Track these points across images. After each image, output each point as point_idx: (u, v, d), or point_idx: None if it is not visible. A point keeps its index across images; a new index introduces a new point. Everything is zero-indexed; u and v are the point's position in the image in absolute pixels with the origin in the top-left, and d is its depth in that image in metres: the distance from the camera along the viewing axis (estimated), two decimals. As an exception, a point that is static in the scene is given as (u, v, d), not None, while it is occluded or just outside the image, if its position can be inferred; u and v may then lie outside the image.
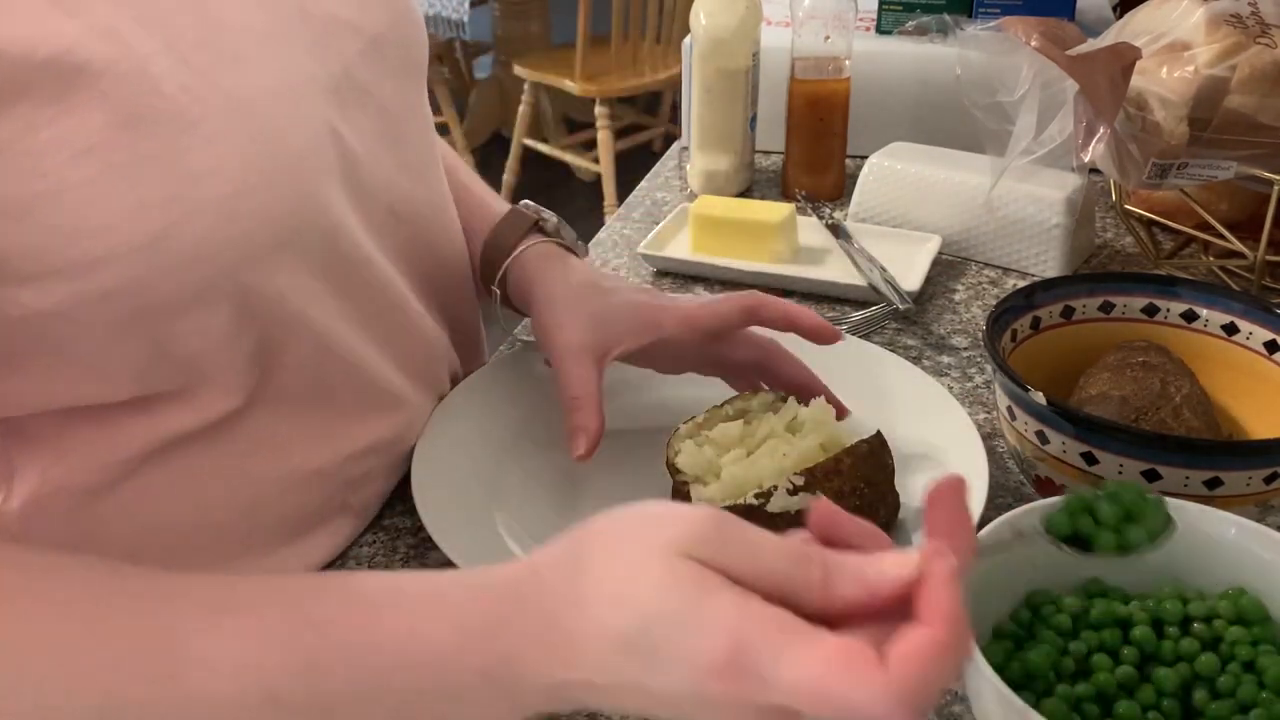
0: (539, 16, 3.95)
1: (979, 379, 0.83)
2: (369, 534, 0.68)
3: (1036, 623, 0.52)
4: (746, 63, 1.09)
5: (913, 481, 0.65)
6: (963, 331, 0.90)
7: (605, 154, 3.40)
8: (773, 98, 1.15)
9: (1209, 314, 0.71)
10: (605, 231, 1.09)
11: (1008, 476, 0.72)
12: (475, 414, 0.73)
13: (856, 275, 0.94)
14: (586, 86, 3.30)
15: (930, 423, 0.71)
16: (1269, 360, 0.69)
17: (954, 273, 0.99)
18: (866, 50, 1.14)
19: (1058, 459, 0.62)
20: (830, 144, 1.12)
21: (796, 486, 0.57)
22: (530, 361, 0.79)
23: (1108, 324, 0.73)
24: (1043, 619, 0.52)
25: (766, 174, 1.20)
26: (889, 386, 0.75)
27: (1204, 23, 0.83)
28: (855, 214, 1.06)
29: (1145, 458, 0.59)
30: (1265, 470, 0.58)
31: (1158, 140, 0.83)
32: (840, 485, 0.58)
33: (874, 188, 1.04)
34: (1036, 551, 0.54)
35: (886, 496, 0.61)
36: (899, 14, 1.20)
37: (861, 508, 0.59)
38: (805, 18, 1.06)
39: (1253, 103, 0.82)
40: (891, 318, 0.90)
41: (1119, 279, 0.74)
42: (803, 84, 1.10)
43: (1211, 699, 0.49)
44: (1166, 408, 0.64)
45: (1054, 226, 0.95)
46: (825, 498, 0.57)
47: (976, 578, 0.50)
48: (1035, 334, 0.72)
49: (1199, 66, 0.83)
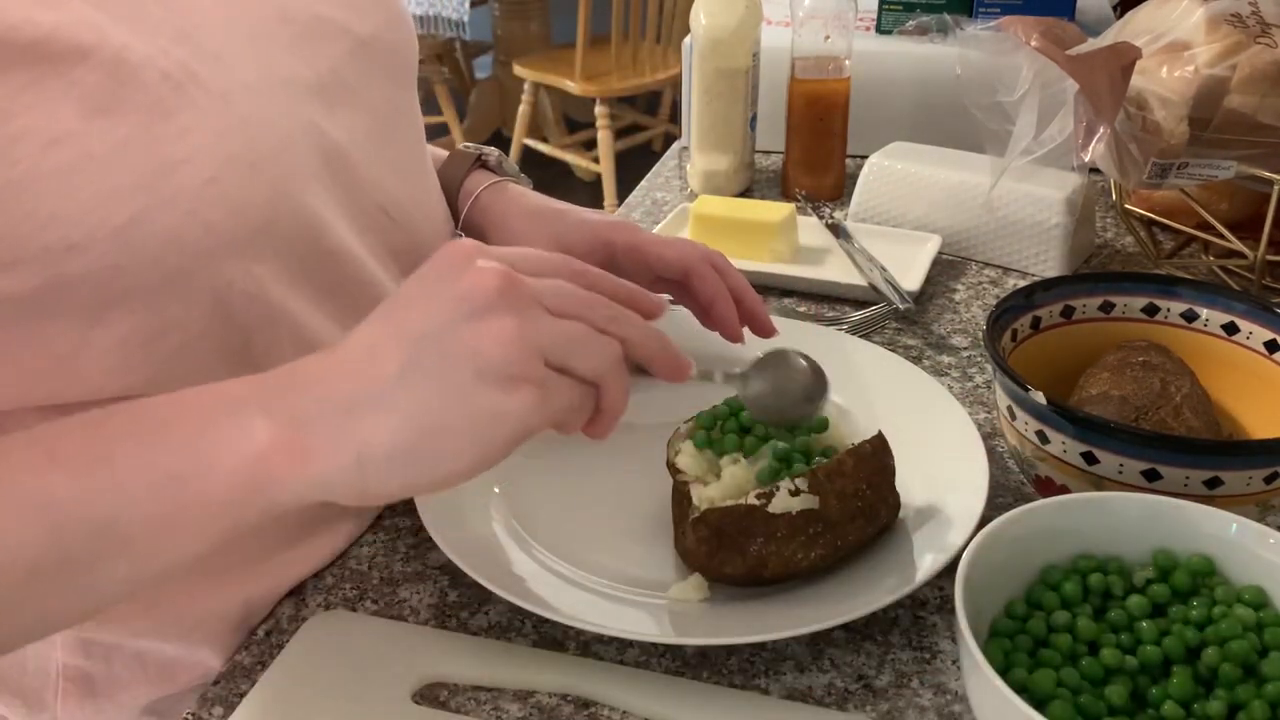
0: (539, 16, 3.95)
1: (979, 379, 0.83)
2: (369, 534, 0.68)
3: (1036, 620, 0.52)
4: (746, 63, 1.09)
5: (912, 482, 0.65)
6: (963, 331, 0.90)
7: (605, 154, 3.40)
8: (773, 98, 1.16)
9: (1209, 314, 0.71)
10: (605, 231, 1.09)
11: (1008, 476, 0.72)
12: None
13: (856, 275, 0.94)
14: (586, 86, 3.30)
15: (930, 423, 0.71)
16: (1269, 360, 0.69)
17: (954, 273, 0.99)
18: (866, 50, 1.14)
19: (1058, 459, 0.62)
20: (830, 144, 1.12)
21: (799, 488, 0.57)
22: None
23: (1108, 324, 0.73)
24: (1046, 611, 0.52)
25: (766, 174, 1.20)
26: (889, 386, 0.75)
27: (1204, 22, 0.83)
28: (855, 214, 1.06)
29: (1145, 457, 0.59)
30: (1265, 470, 0.58)
31: (1158, 140, 0.83)
32: (843, 486, 0.58)
33: (874, 188, 1.04)
34: (1035, 548, 0.54)
35: (888, 497, 0.61)
36: (899, 14, 1.20)
37: (863, 509, 0.59)
38: (805, 18, 1.06)
39: (1253, 102, 0.82)
40: (891, 318, 0.90)
41: (1119, 279, 0.74)
42: (803, 84, 1.10)
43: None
44: (1166, 408, 0.64)
45: (1054, 226, 0.96)
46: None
47: (975, 575, 0.51)
48: (1035, 334, 0.72)
49: (1199, 66, 0.83)
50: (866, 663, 0.58)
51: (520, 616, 0.61)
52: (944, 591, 0.62)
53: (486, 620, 0.61)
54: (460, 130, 3.75)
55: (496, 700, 0.56)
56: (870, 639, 0.60)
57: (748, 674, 0.58)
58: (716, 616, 0.58)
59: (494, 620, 0.61)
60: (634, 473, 0.69)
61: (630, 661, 0.58)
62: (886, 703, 0.56)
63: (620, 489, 0.69)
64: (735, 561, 0.58)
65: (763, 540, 0.58)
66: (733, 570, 0.59)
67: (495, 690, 0.57)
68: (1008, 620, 0.52)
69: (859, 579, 0.60)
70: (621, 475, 0.69)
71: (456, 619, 0.61)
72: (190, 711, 0.57)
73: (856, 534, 0.60)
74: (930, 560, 0.60)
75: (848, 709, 0.55)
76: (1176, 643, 0.50)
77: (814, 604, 0.58)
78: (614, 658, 0.59)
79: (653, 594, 0.60)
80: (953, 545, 0.60)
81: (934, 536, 0.62)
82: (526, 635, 0.60)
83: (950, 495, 0.64)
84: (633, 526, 0.66)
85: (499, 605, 0.62)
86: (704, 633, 0.57)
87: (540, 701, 0.56)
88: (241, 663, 0.59)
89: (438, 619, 0.61)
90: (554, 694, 0.56)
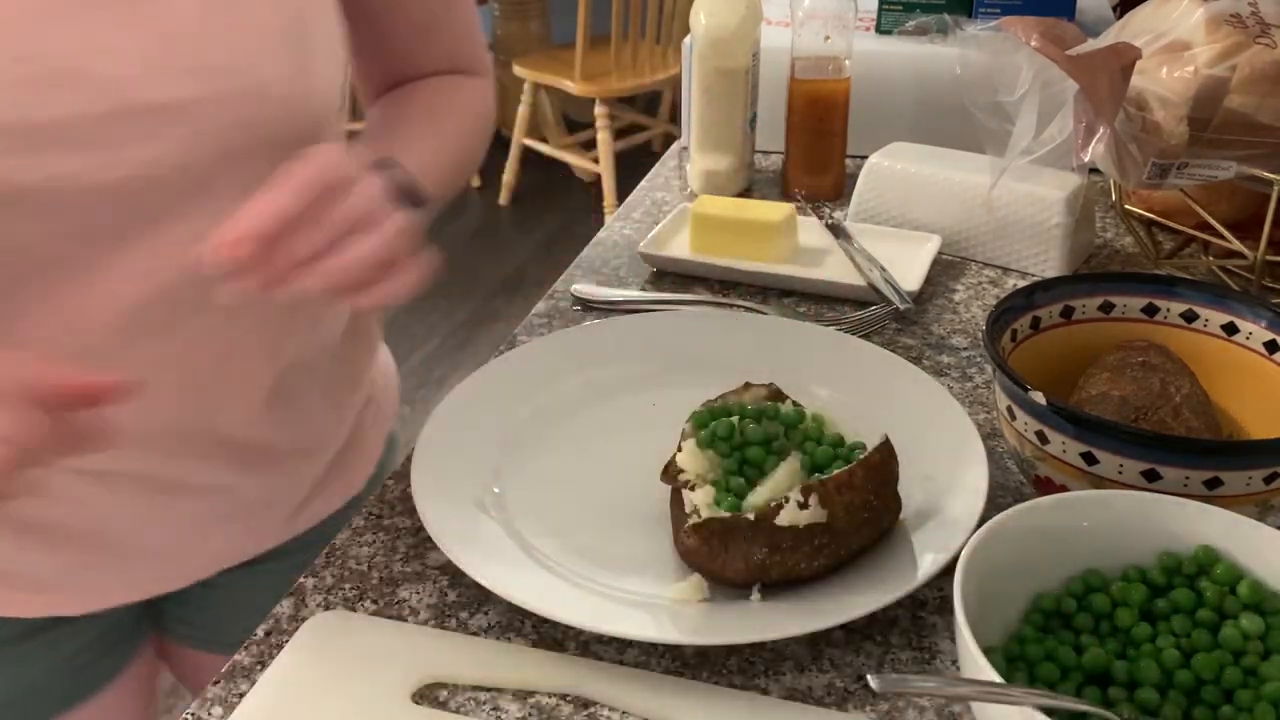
0: (539, 16, 3.95)
1: (979, 379, 0.83)
2: (369, 534, 0.68)
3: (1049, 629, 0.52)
4: (746, 63, 1.09)
5: (912, 482, 0.65)
6: (962, 331, 0.90)
7: (605, 154, 3.41)
8: (773, 98, 1.15)
9: (1209, 314, 0.71)
10: (605, 231, 1.09)
11: (1008, 476, 0.72)
12: (475, 414, 0.73)
13: (856, 275, 0.94)
14: (586, 86, 3.30)
15: (930, 423, 0.71)
16: (1269, 360, 0.69)
17: (954, 273, 0.99)
18: (866, 50, 1.14)
19: (1058, 459, 0.62)
20: (830, 144, 1.12)
21: (808, 501, 0.57)
22: (530, 361, 0.79)
23: (1108, 324, 0.73)
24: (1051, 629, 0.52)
25: (766, 174, 1.20)
26: (889, 386, 0.75)
27: (1204, 23, 0.83)
28: (855, 214, 1.06)
29: (1145, 458, 0.59)
30: (1265, 470, 0.58)
31: (1158, 140, 0.83)
32: (851, 499, 0.58)
33: (874, 188, 1.04)
34: (1034, 546, 0.54)
35: (891, 505, 0.61)
36: (899, 14, 1.20)
37: (869, 520, 0.59)
38: (805, 18, 1.06)
39: (1253, 103, 0.82)
40: (891, 318, 0.90)
41: (1119, 279, 0.74)
42: (802, 84, 1.10)
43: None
44: (1166, 408, 0.64)
45: (1054, 226, 0.96)
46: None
47: (974, 575, 0.51)
48: (1035, 334, 0.72)
49: (1199, 66, 0.83)
50: (866, 663, 0.58)
51: (520, 616, 0.61)
52: (944, 592, 0.62)
53: (486, 620, 0.61)
54: (460, 130, 3.75)
55: (496, 700, 0.56)
56: (870, 639, 0.60)
57: (748, 674, 0.58)
58: (716, 616, 0.58)
59: (494, 620, 0.61)
60: (634, 473, 0.69)
61: (630, 661, 0.58)
62: (886, 702, 0.56)
63: (620, 489, 0.69)
64: (737, 566, 0.58)
65: (766, 550, 0.58)
66: (734, 574, 0.59)
67: (495, 690, 0.57)
68: (1021, 625, 0.52)
69: (859, 579, 0.60)
70: (622, 475, 0.69)
71: (456, 619, 0.61)
72: (190, 711, 0.57)
73: (860, 541, 0.60)
74: (930, 561, 0.60)
75: (848, 709, 0.55)
76: (1175, 656, 0.50)
77: (814, 604, 0.58)
78: (614, 658, 0.59)
79: (653, 594, 0.60)
80: (952, 546, 0.60)
81: (934, 537, 0.62)
82: (526, 635, 0.60)
83: (950, 496, 0.64)
84: (633, 526, 0.66)
85: (499, 605, 0.62)
86: (704, 633, 0.57)
87: (540, 701, 0.56)
88: (241, 663, 0.59)
89: (437, 619, 0.61)
90: (554, 694, 0.56)
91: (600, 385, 0.78)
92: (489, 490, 0.68)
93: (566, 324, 0.91)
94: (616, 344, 0.82)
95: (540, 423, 0.74)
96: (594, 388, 0.78)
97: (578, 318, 0.92)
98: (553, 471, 0.71)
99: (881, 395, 0.75)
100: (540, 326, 0.91)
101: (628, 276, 0.99)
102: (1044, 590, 0.55)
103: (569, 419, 0.75)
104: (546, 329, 0.90)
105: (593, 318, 0.92)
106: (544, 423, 0.75)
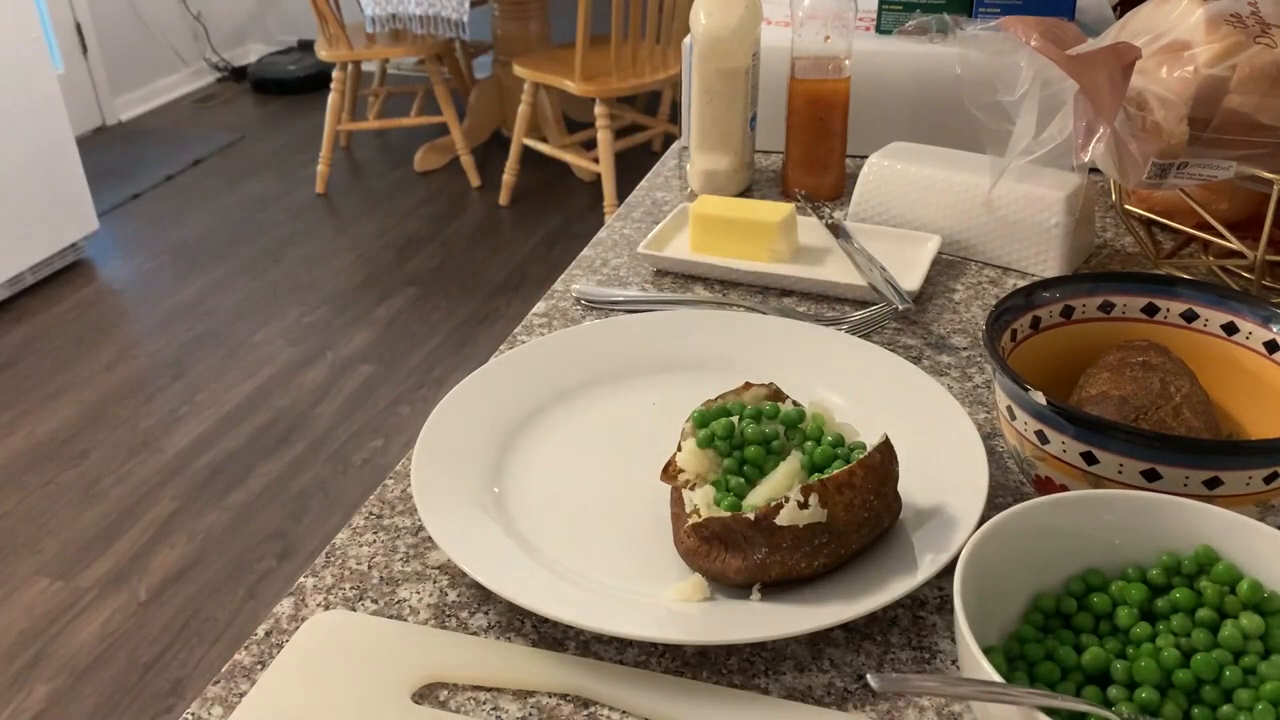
0: (539, 16, 3.95)
1: (979, 379, 0.83)
2: (369, 534, 0.68)
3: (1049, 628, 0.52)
4: (746, 63, 1.09)
5: (912, 482, 0.65)
6: (962, 331, 0.90)
7: (605, 154, 3.40)
8: (773, 98, 1.16)
9: (1209, 314, 0.71)
10: (605, 231, 1.09)
11: (1008, 476, 0.72)
12: (475, 413, 0.73)
13: (856, 275, 0.94)
14: (586, 86, 3.30)
15: (930, 423, 0.71)
16: (1269, 360, 0.69)
17: (954, 273, 0.99)
18: (866, 50, 1.14)
19: (1057, 459, 0.62)
20: (830, 144, 1.12)
21: (807, 501, 0.57)
22: (530, 361, 0.79)
23: (1108, 324, 0.73)
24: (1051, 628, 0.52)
25: (766, 174, 1.20)
26: (889, 386, 0.75)
27: (1204, 22, 0.83)
28: (855, 214, 1.06)
29: (1145, 458, 0.59)
30: (1265, 470, 0.58)
31: (1158, 140, 0.83)
32: (851, 499, 0.58)
33: (874, 187, 1.04)
34: (1034, 546, 0.55)
35: (891, 504, 0.61)
36: (899, 14, 1.20)
37: (869, 519, 0.59)
38: (805, 17, 1.06)
39: (1252, 102, 0.82)
40: (891, 318, 0.90)
41: (1119, 279, 0.74)
42: (802, 84, 1.10)
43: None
44: (1166, 408, 0.64)
45: (1054, 226, 0.96)
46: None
47: (974, 574, 0.51)
48: (1035, 334, 0.72)
49: (1199, 66, 0.83)
50: (866, 663, 0.58)
51: (520, 616, 0.61)
52: (944, 591, 0.62)
53: (486, 620, 0.61)
54: (460, 130, 3.75)
55: (496, 700, 0.56)
56: (870, 639, 0.60)
57: (748, 674, 0.58)
58: (716, 616, 0.58)
59: (494, 620, 0.61)
60: (634, 472, 0.69)
61: (630, 661, 0.58)
62: (886, 702, 0.56)
63: (620, 489, 0.69)
64: (737, 566, 0.58)
65: (766, 550, 0.58)
66: (734, 574, 0.59)
67: (495, 690, 0.57)
68: (1020, 624, 0.52)
69: (859, 579, 0.60)
70: (622, 475, 0.69)
71: (456, 619, 0.61)
72: (190, 712, 0.57)
73: (860, 541, 0.60)
74: (930, 560, 0.60)
75: (848, 709, 0.55)
76: (1174, 656, 0.50)
77: (814, 604, 0.58)
78: (614, 658, 0.59)
79: (652, 594, 0.60)
80: (952, 545, 0.60)
81: (934, 537, 0.62)
82: (526, 635, 0.60)
83: (950, 496, 0.64)
84: (633, 526, 0.66)
85: (499, 605, 0.62)
86: (704, 633, 0.57)
87: (540, 701, 0.56)
88: (241, 663, 0.59)
89: (437, 619, 0.61)
90: (554, 694, 0.57)
91: (600, 385, 0.78)
92: (489, 490, 0.68)
93: (566, 324, 0.91)
94: (616, 344, 0.82)
95: (540, 423, 0.75)
96: (594, 388, 0.78)
97: (578, 318, 0.92)
98: (553, 471, 0.71)
99: (881, 395, 0.75)
100: (540, 326, 0.91)
101: (628, 276, 0.99)
102: (1044, 590, 0.55)
103: (569, 419, 0.75)
104: (546, 329, 0.90)
105: (593, 318, 0.92)
106: (544, 423, 0.75)
